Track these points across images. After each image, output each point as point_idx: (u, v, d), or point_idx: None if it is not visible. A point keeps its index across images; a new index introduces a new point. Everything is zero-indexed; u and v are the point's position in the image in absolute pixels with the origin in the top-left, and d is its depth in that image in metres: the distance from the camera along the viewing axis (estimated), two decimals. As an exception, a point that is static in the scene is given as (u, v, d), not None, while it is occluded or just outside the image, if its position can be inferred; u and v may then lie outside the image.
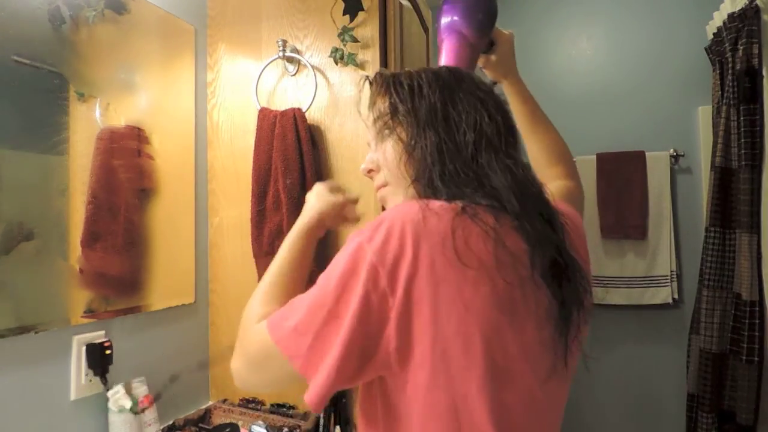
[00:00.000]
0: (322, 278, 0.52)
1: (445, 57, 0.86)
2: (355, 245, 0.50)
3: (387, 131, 0.62)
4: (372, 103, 0.65)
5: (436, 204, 0.51)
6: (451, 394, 0.48)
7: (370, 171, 0.66)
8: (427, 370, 0.47)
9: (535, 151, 0.90)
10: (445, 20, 0.87)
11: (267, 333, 0.54)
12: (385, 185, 0.64)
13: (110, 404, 1.01)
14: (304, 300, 0.53)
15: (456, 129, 0.57)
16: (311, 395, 0.49)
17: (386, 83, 0.64)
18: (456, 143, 0.56)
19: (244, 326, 0.61)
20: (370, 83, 0.67)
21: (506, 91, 0.93)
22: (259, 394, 1.28)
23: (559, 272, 0.53)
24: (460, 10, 0.86)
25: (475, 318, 0.47)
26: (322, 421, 1.15)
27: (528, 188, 0.55)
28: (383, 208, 0.66)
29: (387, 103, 0.62)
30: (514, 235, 0.51)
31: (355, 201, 0.83)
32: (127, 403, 1.01)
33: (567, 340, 0.54)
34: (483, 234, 0.49)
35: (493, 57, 0.92)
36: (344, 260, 0.50)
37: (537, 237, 0.52)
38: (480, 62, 0.92)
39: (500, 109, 0.61)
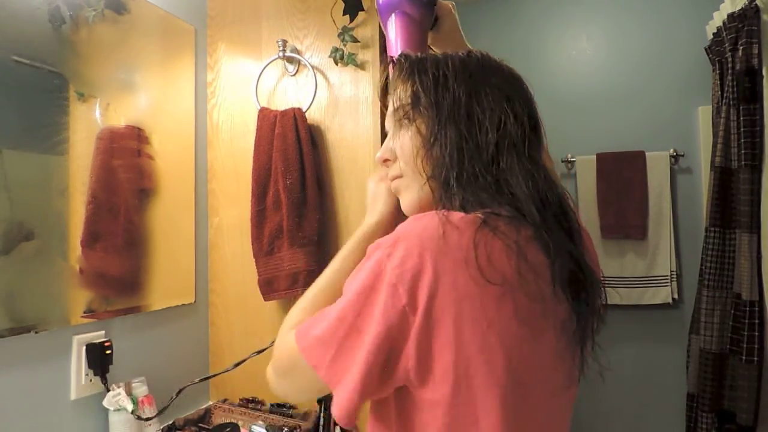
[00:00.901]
0: (346, 289, 0.52)
1: (394, 40, 0.79)
2: (375, 262, 0.49)
3: (406, 121, 0.60)
4: (394, 89, 0.62)
5: (456, 216, 0.49)
6: (473, 409, 0.47)
7: (385, 160, 0.64)
8: (448, 387, 0.47)
9: None
10: None
11: (294, 341, 0.54)
12: (399, 176, 0.62)
13: (110, 404, 1.01)
14: (332, 310, 0.52)
15: (478, 127, 0.55)
16: (338, 410, 0.49)
17: (411, 69, 0.60)
18: (477, 143, 0.54)
19: (280, 333, 0.61)
20: (394, 65, 0.64)
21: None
22: (259, 394, 1.29)
23: (578, 284, 0.52)
24: None
25: (497, 335, 0.46)
26: (321, 421, 1.15)
27: (548, 196, 0.53)
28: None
29: (409, 92, 0.59)
30: (535, 246, 0.50)
31: None
32: (128, 404, 1.00)
33: (583, 351, 0.55)
34: (505, 249, 0.48)
35: (438, 33, 0.85)
36: (365, 275, 0.49)
37: (558, 250, 0.50)
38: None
39: (527, 106, 0.58)
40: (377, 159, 0.65)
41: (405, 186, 0.61)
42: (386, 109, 0.66)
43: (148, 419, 1.04)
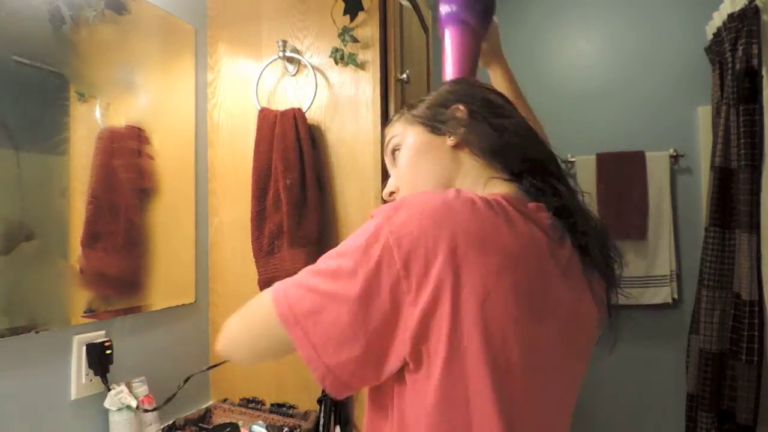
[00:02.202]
0: (334, 252, 0.51)
1: (450, 48, 0.84)
2: (374, 224, 0.49)
3: (397, 152, 0.71)
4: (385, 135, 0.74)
5: (465, 192, 0.50)
6: (465, 387, 0.47)
7: (391, 193, 0.70)
8: (441, 362, 0.46)
9: None
10: (445, 9, 0.85)
11: (269, 295, 0.53)
12: None
13: (112, 404, 1.01)
14: (313, 269, 0.52)
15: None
16: (325, 376, 0.49)
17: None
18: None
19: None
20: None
21: (493, 75, 0.96)
22: (260, 393, 1.29)
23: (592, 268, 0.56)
24: None
25: (494, 310, 0.46)
26: (321, 421, 1.15)
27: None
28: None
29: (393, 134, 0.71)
30: (543, 225, 0.52)
31: None
32: (131, 400, 1.01)
33: (584, 339, 0.55)
34: (509, 222, 0.49)
35: (484, 43, 0.92)
36: (361, 237, 0.49)
37: (582, 229, 0.55)
38: None
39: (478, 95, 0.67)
40: (384, 195, 0.70)
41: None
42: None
43: (154, 410, 1.04)
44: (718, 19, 1.80)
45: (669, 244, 2.05)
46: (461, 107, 0.63)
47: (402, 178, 0.66)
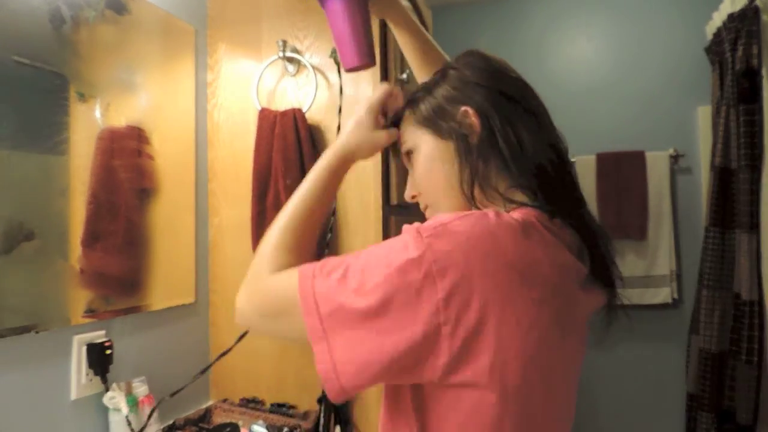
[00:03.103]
0: (366, 262, 0.48)
1: (342, 24, 0.75)
2: (414, 247, 0.46)
3: (412, 156, 0.66)
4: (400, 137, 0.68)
5: (506, 217, 0.49)
6: (501, 410, 0.46)
7: (413, 196, 0.68)
8: (480, 390, 0.45)
9: None
10: None
11: (295, 286, 0.50)
12: (427, 206, 0.67)
13: (110, 404, 1.01)
14: (349, 280, 0.48)
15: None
16: (341, 385, 0.47)
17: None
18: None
19: (255, 273, 0.58)
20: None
21: (392, 25, 0.84)
22: (260, 393, 1.29)
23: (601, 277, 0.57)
24: None
25: (535, 341, 0.46)
26: (322, 421, 1.15)
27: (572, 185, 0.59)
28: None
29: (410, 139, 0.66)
30: (567, 242, 0.53)
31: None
32: (123, 406, 1.00)
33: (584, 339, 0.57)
34: (545, 248, 0.49)
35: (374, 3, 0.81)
36: (399, 257, 0.46)
37: (591, 241, 0.55)
38: None
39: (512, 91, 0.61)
40: (407, 198, 0.68)
41: (436, 212, 0.64)
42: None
43: (141, 430, 1.01)
44: (718, 19, 1.80)
45: (669, 244, 2.05)
46: (470, 111, 0.58)
47: (420, 184, 0.64)
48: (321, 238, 1.22)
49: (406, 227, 0.49)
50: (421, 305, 0.44)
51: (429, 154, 0.62)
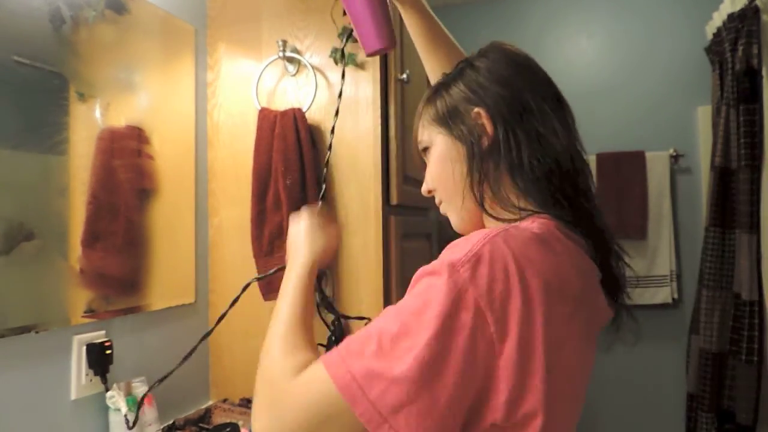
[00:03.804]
0: (403, 316, 0.44)
1: (362, 14, 0.74)
2: (454, 284, 0.43)
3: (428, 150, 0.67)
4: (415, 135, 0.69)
5: (527, 233, 0.48)
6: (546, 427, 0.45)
7: (429, 191, 0.68)
8: (539, 419, 0.43)
9: (437, 71, 0.81)
10: None
11: (327, 379, 0.44)
12: (441, 202, 0.67)
13: (110, 404, 1.01)
14: (380, 349, 0.43)
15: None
16: None
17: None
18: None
19: (273, 383, 0.50)
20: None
21: (400, 5, 0.84)
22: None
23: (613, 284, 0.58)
24: None
25: (568, 355, 0.46)
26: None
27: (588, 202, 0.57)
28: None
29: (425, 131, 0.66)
30: (584, 245, 0.54)
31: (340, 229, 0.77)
32: (122, 406, 1.00)
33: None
34: (573, 265, 0.50)
35: None
36: (442, 299, 0.43)
37: (603, 250, 0.56)
38: None
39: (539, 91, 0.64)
40: (423, 192, 0.68)
41: (448, 209, 0.65)
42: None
43: (139, 429, 1.03)
44: (718, 19, 1.80)
45: (669, 244, 2.05)
46: (482, 113, 0.57)
47: (435, 181, 0.65)
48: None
49: (428, 269, 0.46)
50: (478, 345, 0.42)
51: (442, 153, 0.62)
